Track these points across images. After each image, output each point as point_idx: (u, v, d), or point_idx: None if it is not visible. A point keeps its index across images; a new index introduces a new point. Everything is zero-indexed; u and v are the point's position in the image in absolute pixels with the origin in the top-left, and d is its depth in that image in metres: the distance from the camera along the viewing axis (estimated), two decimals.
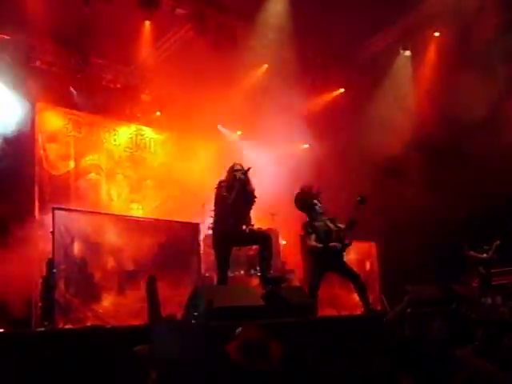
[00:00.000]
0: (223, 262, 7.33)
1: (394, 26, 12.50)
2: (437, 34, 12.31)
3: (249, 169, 7.31)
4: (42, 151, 10.52)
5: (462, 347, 4.23)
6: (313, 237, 7.72)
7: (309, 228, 7.77)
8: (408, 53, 12.92)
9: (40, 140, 10.50)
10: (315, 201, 7.89)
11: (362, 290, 7.76)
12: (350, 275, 7.92)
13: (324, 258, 7.65)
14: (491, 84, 10.60)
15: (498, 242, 9.84)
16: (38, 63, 10.95)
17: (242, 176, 7.23)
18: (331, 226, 7.81)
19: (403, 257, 11.09)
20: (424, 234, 11.12)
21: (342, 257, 7.80)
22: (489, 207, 9.95)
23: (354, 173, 12.19)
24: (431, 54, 12.55)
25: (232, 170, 7.37)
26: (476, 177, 10.18)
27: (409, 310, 5.47)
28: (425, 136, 11.55)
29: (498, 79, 11.19)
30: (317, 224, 7.77)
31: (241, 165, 7.42)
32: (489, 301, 9.04)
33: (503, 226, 9.76)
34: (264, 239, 7.44)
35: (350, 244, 7.81)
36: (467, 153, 10.36)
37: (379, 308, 9.91)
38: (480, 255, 9.89)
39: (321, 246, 7.64)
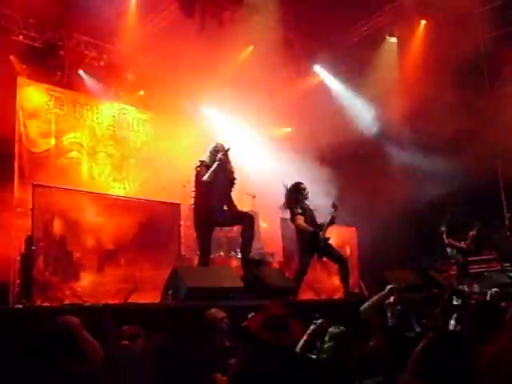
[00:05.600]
0: (205, 242, 7.33)
1: (380, 12, 12.49)
2: (423, 21, 12.32)
3: (228, 149, 7.36)
4: (22, 128, 10.38)
5: None
6: (302, 218, 7.74)
7: (298, 208, 7.79)
8: (394, 39, 12.91)
9: (21, 116, 10.37)
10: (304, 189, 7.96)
11: (345, 275, 7.83)
12: (337, 259, 7.98)
13: (313, 242, 7.69)
14: (474, 82, 10.67)
15: (474, 233, 9.95)
16: (20, 38, 10.77)
17: (222, 156, 7.26)
18: (312, 211, 7.89)
19: (381, 242, 11.16)
20: (402, 220, 11.22)
21: (328, 240, 7.87)
22: (466, 197, 10.09)
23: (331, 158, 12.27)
24: (417, 41, 12.55)
25: (213, 150, 7.39)
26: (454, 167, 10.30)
27: (391, 299, 5.41)
28: (403, 124, 11.63)
29: (482, 78, 11.28)
30: (304, 206, 7.81)
31: (222, 145, 7.45)
32: (465, 288, 9.16)
33: (480, 216, 9.90)
34: (248, 220, 7.45)
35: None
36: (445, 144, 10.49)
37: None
38: (459, 244, 9.99)
39: (312, 230, 7.67)
